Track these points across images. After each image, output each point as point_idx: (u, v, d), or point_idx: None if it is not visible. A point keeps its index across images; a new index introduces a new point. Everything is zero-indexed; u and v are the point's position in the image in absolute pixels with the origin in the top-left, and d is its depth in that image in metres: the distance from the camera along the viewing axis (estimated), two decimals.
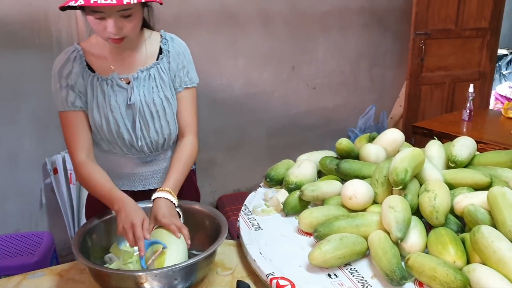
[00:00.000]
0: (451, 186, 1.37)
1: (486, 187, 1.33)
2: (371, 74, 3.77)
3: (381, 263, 1.07)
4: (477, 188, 1.34)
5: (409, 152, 1.31)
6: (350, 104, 3.77)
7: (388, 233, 1.15)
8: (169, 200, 1.24)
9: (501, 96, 4.28)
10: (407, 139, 1.68)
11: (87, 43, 1.34)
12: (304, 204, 1.39)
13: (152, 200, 1.25)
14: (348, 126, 3.82)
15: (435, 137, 1.66)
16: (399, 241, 1.12)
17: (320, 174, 1.60)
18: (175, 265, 1.06)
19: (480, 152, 1.58)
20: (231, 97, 3.08)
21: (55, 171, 2.48)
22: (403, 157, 1.29)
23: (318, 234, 1.20)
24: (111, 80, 1.31)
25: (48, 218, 2.61)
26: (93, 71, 1.31)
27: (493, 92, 4.25)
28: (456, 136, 2.62)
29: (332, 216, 1.25)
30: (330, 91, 3.60)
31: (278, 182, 1.56)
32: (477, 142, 2.46)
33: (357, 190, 1.28)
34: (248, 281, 1.15)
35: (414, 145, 1.59)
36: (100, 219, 1.28)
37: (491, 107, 4.01)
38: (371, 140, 1.70)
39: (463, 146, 1.47)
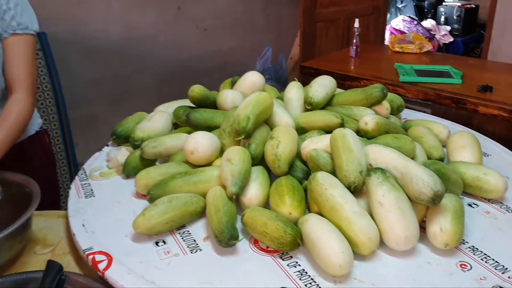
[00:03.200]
0: (304, 130, 1.29)
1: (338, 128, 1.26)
2: (267, 13, 3.62)
3: (212, 222, 0.97)
4: (329, 130, 1.27)
5: (254, 97, 1.20)
6: (246, 46, 3.62)
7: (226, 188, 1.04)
8: None
9: (396, 30, 4.32)
10: (306, 81, 1.53)
11: None
12: (147, 163, 1.25)
13: None
14: (247, 69, 3.66)
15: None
16: (234, 197, 1.02)
17: (178, 127, 1.45)
18: None
19: None
20: (108, 43, 2.80)
21: None
22: (246, 103, 1.18)
23: (151, 196, 1.07)
24: None
25: None
26: None
27: (388, 27, 4.26)
28: (343, 75, 2.61)
29: (171, 174, 1.13)
30: (224, 33, 3.42)
31: (126, 139, 1.40)
32: (360, 79, 2.47)
33: (199, 143, 1.15)
34: (69, 258, 1.02)
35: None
36: None
37: (386, 42, 4.03)
38: (233, 84, 1.57)
39: (320, 86, 1.38)
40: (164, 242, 0.99)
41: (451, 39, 4.50)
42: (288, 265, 0.91)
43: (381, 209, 0.93)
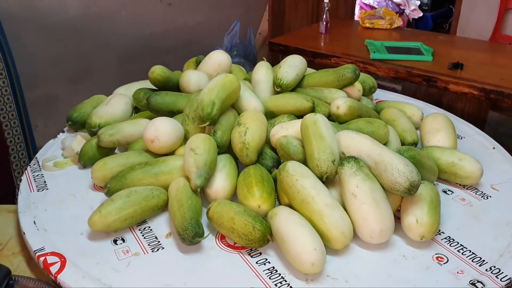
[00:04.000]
0: (274, 115, 1.22)
1: (309, 112, 1.19)
2: None
3: (175, 218, 0.90)
4: (300, 114, 1.20)
5: (219, 80, 1.11)
6: (213, 21, 3.48)
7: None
8: None
9: (365, 4, 4.25)
10: (276, 58, 1.44)
11: None
12: (105, 152, 1.16)
13: None
14: (214, 45, 3.56)
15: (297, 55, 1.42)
16: (198, 190, 0.95)
17: (139, 111, 1.36)
18: None
19: (333, 68, 1.39)
20: (66, 20, 2.63)
21: None
22: (211, 86, 1.09)
23: (108, 190, 0.99)
24: None
25: None
26: None
27: (357, 1, 4.20)
28: (313, 52, 2.54)
29: (130, 165, 1.04)
30: (189, 7, 3.27)
31: (83, 125, 1.30)
32: (331, 56, 2.40)
33: (160, 131, 1.07)
34: (19, 259, 0.93)
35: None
36: None
37: (356, 17, 3.96)
38: (198, 64, 1.48)
39: (290, 67, 1.31)
40: (123, 240, 0.91)
41: (420, 14, 4.47)
42: (257, 263, 0.86)
43: (354, 201, 0.88)
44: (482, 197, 1.05)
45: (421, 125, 1.24)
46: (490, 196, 1.05)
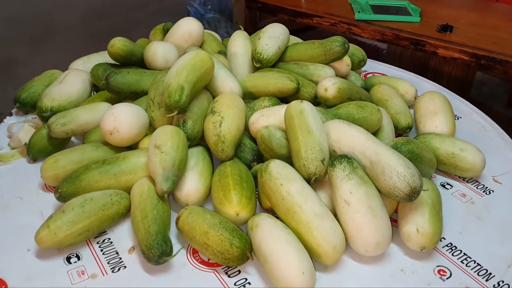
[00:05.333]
0: (253, 96, 1.08)
1: (293, 94, 1.05)
2: None
3: (138, 233, 0.77)
4: (282, 96, 1.06)
5: (189, 59, 0.95)
6: None
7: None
8: None
9: None
10: (253, 17, 1.26)
11: None
12: (58, 143, 1.00)
13: None
14: None
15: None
16: (166, 196, 0.81)
17: (100, 90, 1.19)
18: None
19: (315, 28, 1.24)
20: None
21: None
22: (179, 67, 0.93)
23: (60, 195, 0.85)
24: None
25: None
26: None
27: None
28: (294, 11, 2.35)
29: (86, 163, 0.90)
30: None
31: (34, 108, 1.13)
32: (313, 16, 2.23)
33: (120, 121, 0.91)
34: None
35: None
36: None
37: None
38: (165, 32, 1.30)
39: (270, 38, 1.15)
40: (78, 257, 0.78)
41: None
42: (235, 284, 0.74)
43: (347, 209, 0.76)
44: (484, 192, 0.94)
45: (416, 105, 1.12)
46: (493, 191, 0.95)
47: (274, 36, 1.16)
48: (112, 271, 0.75)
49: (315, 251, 0.74)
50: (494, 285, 0.74)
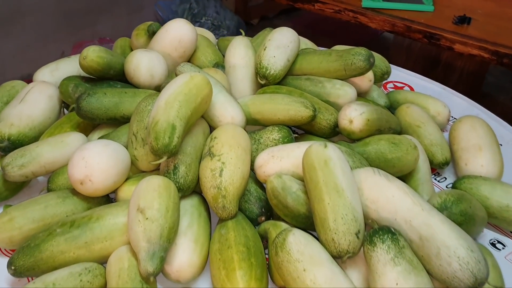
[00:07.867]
0: (258, 123, 0.88)
1: (308, 122, 0.85)
2: None
3: None
4: (295, 125, 0.87)
5: (182, 84, 0.75)
6: None
7: None
8: None
9: None
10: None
11: None
12: (15, 187, 0.80)
13: None
14: None
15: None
16: (151, 278, 0.62)
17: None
18: None
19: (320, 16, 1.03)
20: None
21: None
22: (170, 98, 0.73)
23: (15, 271, 0.65)
24: None
25: None
26: None
27: None
28: (289, 6, 2.12)
29: (49, 224, 0.70)
30: None
31: None
32: (314, 2, 2.00)
33: (92, 166, 0.71)
34: None
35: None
36: None
37: None
38: (151, 35, 1.08)
39: (278, 48, 0.94)
40: None
41: None
42: None
43: None
44: None
45: (454, 135, 0.93)
46: None
47: (282, 45, 0.95)
48: None
49: None
50: None
